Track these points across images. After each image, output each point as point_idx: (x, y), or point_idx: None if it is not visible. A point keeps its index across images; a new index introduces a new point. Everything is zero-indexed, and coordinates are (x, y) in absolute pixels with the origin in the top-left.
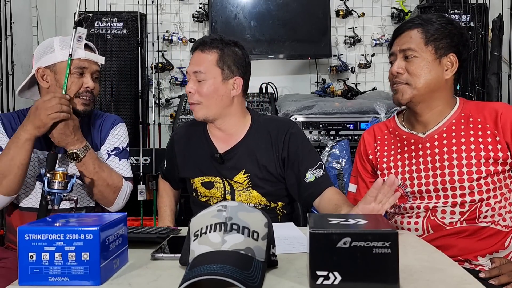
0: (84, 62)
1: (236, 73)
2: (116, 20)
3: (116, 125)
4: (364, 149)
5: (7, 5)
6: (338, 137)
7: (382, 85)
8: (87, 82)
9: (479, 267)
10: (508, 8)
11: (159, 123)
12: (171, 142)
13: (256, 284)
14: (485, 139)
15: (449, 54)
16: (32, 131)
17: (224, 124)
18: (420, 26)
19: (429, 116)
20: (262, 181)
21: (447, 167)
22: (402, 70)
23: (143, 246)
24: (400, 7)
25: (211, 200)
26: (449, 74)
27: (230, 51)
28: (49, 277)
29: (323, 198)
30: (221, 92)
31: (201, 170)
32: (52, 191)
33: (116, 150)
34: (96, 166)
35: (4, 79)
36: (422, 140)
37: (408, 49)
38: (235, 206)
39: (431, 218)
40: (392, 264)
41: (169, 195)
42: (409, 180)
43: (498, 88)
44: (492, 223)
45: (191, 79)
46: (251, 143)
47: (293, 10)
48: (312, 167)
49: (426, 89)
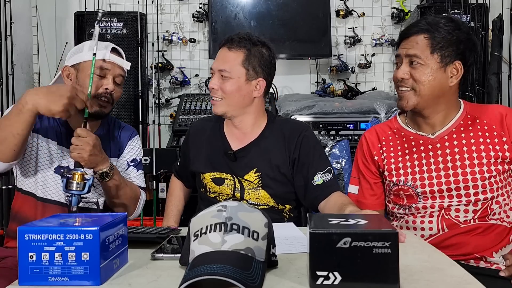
0: (107, 64)
1: (260, 75)
2: (116, 20)
3: (134, 137)
4: (368, 150)
5: (7, 5)
6: (338, 137)
7: (382, 85)
8: (107, 84)
9: (495, 265)
10: (508, 8)
11: (159, 123)
12: (187, 136)
13: (256, 284)
14: (492, 140)
15: (454, 62)
16: (36, 105)
17: (241, 122)
18: (427, 31)
19: (436, 118)
20: (272, 181)
21: (459, 167)
22: (407, 75)
23: (143, 246)
24: (400, 7)
25: (220, 196)
26: (453, 81)
27: (257, 51)
28: (49, 277)
29: (328, 201)
30: (243, 91)
31: (212, 165)
32: (70, 192)
33: (135, 161)
34: (121, 181)
35: (4, 79)
36: (431, 141)
37: (414, 56)
38: (235, 206)
39: (445, 217)
40: (392, 264)
41: (179, 194)
42: (420, 180)
43: (498, 88)
44: (499, 220)
45: (216, 75)
46: (265, 143)
47: (293, 10)
48: (321, 171)
49: (430, 95)
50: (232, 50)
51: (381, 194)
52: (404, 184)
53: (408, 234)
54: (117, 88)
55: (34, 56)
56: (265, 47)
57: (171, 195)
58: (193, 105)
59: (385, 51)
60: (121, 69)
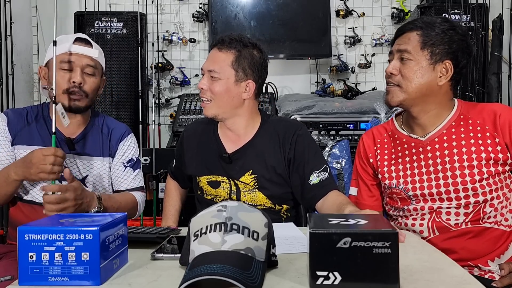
0: (72, 56)
1: (250, 77)
2: (116, 20)
3: (127, 137)
4: (364, 153)
5: (7, 5)
6: (338, 137)
7: (382, 85)
8: (74, 77)
9: (489, 274)
10: (508, 8)
11: (159, 123)
12: (181, 139)
13: (256, 284)
14: (484, 141)
15: (445, 61)
16: (21, 176)
17: (234, 124)
18: (421, 29)
19: (426, 119)
20: (269, 182)
21: (449, 170)
22: (396, 71)
23: (143, 246)
24: (400, 7)
25: (217, 198)
26: (442, 80)
27: (248, 53)
28: (49, 277)
29: (326, 200)
30: (232, 93)
31: (208, 168)
32: None
33: (131, 161)
34: (114, 205)
35: (4, 79)
36: (422, 143)
37: (405, 51)
38: (235, 206)
39: (436, 220)
40: (392, 264)
41: (176, 194)
42: (411, 184)
43: (498, 88)
44: (495, 223)
45: (205, 76)
46: (260, 144)
47: (293, 10)
48: (317, 169)
49: (417, 93)
50: (222, 51)
51: (379, 196)
52: (396, 187)
53: (408, 234)
54: (89, 79)
55: (34, 56)
56: (256, 49)
57: (167, 195)
58: (193, 105)
59: (385, 51)
60: (89, 58)
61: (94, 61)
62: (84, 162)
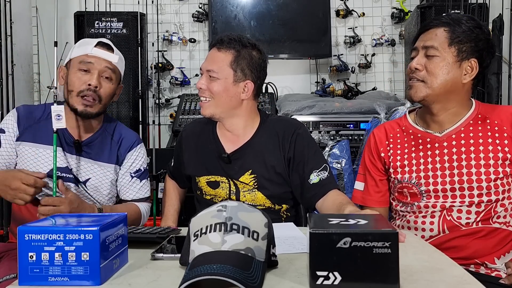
0: (91, 57)
1: (248, 77)
2: (116, 20)
3: (136, 147)
4: (375, 147)
5: (7, 5)
6: (338, 137)
7: (382, 85)
8: (91, 79)
9: (495, 272)
10: (508, 8)
11: (159, 123)
12: (179, 139)
13: (256, 284)
14: (502, 141)
15: (470, 59)
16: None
17: (232, 125)
18: (448, 25)
19: (445, 116)
20: (268, 182)
21: (465, 167)
22: (421, 67)
23: (143, 246)
24: (400, 7)
25: (216, 198)
26: (467, 78)
27: (247, 53)
28: (49, 277)
29: (326, 199)
30: (230, 93)
31: (207, 169)
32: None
33: (138, 172)
34: None
35: (4, 79)
36: (439, 139)
37: (431, 47)
38: (235, 206)
39: (447, 218)
40: (392, 264)
41: (175, 194)
42: (424, 178)
43: (498, 88)
44: (504, 224)
45: (204, 75)
46: (259, 144)
47: (293, 10)
48: (317, 169)
49: (441, 89)
50: (221, 51)
51: (386, 191)
52: (408, 182)
53: (408, 234)
54: (106, 83)
55: (34, 56)
56: (255, 50)
57: (166, 195)
58: (193, 105)
59: (385, 51)
60: (108, 63)
61: (113, 66)
62: (88, 165)
